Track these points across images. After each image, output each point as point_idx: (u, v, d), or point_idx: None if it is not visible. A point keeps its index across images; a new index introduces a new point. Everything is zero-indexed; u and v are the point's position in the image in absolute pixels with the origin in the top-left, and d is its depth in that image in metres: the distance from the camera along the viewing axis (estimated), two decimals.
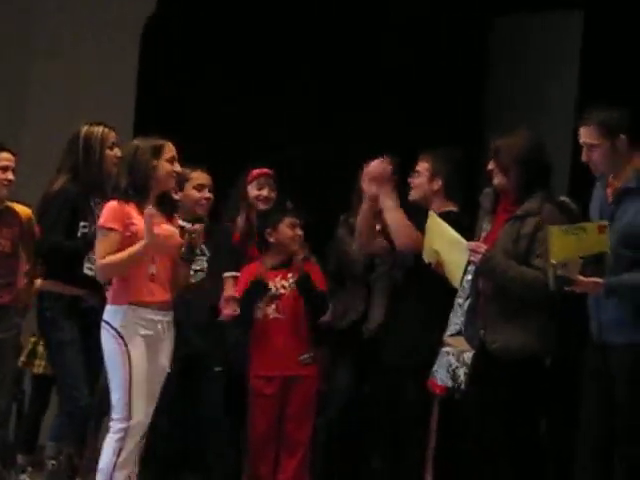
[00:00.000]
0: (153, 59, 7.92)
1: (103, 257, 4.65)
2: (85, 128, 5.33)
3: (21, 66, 8.21)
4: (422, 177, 5.24)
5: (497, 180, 4.71)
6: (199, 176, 5.64)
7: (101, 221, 4.72)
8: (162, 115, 7.46)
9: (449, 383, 4.93)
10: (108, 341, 4.66)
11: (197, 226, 4.78)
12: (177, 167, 4.82)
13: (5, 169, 5.62)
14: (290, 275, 5.58)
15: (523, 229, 4.62)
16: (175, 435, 5.53)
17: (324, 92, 8.06)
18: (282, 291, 5.55)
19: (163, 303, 4.72)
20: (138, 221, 4.64)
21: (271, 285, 5.53)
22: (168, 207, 4.82)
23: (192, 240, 4.74)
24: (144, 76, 7.90)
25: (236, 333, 5.60)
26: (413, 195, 5.27)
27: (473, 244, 4.65)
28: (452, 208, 5.23)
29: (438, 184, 5.22)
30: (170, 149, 4.81)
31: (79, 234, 5.27)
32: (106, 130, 5.34)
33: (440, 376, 4.97)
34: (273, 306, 5.54)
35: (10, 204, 5.70)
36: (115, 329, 4.62)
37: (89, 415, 5.29)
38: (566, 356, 4.75)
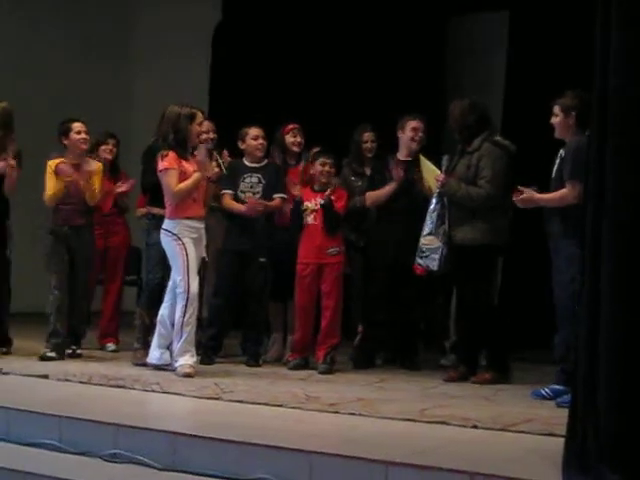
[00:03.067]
0: (222, 56, 11.49)
1: (175, 186, 6.99)
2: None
3: (124, 64, 12.69)
4: (559, 116, 6.38)
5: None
6: (254, 130, 7.89)
7: (164, 164, 7.05)
8: (229, 98, 10.91)
9: (426, 266, 7.05)
10: (169, 243, 7.04)
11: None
12: (203, 128, 7.55)
13: (79, 133, 7.77)
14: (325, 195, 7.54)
15: (471, 161, 6.93)
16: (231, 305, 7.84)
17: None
18: (317, 207, 7.52)
19: (201, 216, 7.14)
20: (183, 163, 7.09)
21: (308, 203, 7.58)
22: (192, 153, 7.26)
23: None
24: (215, 69, 11.60)
25: (289, 235, 7.72)
26: (556, 134, 6.45)
27: (438, 174, 7.02)
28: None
29: (572, 119, 6.32)
30: (199, 116, 7.25)
31: None
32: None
33: (419, 262, 7.07)
34: (312, 216, 7.56)
35: (88, 157, 7.97)
36: (174, 234, 6.99)
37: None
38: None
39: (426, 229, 7.04)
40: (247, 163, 7.87)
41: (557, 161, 6.38)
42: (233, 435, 4.84)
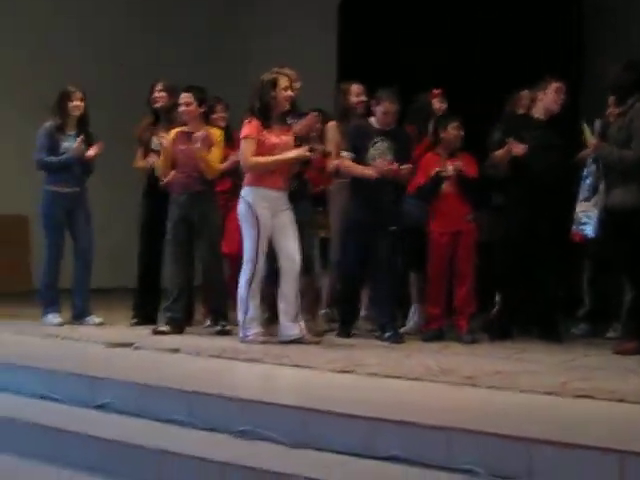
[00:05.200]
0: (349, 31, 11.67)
1: (249, 156, 6.85)
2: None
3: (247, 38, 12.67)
4: None
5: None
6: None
7: (244, 132, 6.88)
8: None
9: (582, 232, 7.09)
10: (243, 211, 6.92)
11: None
12: (289, 93, 6.92)
13: (187, 105, 7.47)
14: (456, 162, 7.31)
15: (624, 122, 6.65)
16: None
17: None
18: (450, 173, 7.26)
19: (279, 187, 6.94)
20: (264, 133, 6.86)
21: (443, 169, 7.26)
22: (285, 122, 7.04)
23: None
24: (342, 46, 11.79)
25: (420, 204, 7.41)
26: None
27: (591, 140, 6.81)
28: None
29: None
30: (284, 80, 6.88)
31: None
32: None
33: (576, 228, 7.10)
34: (446, 183, 7.30)
35: (207, 127, 7.59)
36: (248, 202, 6.89)
37: None
38: None
39: (581, 195, 6.95)
40: (376, 124, 7.37)
41: None
42: (366, 410, 4.65)
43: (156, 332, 7.42)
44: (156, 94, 8.05)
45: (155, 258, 8.00)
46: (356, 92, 7.75)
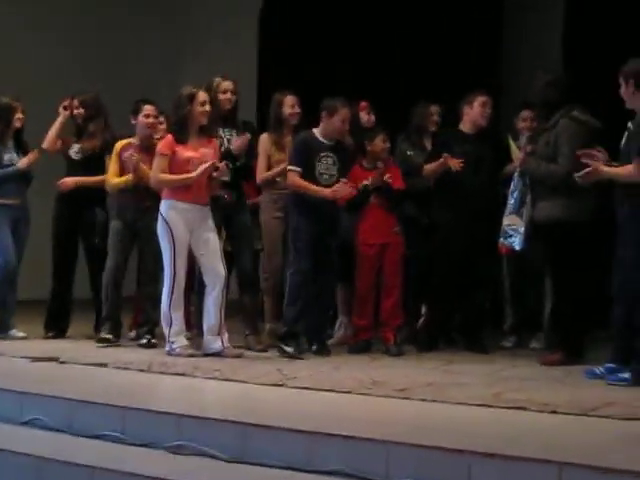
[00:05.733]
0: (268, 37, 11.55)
1: (158, 172, 6.92)
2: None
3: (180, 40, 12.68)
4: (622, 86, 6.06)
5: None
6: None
7: (158, 148, 6.98)
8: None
9: (509, 245, 6.99)
10: (160, 224, 6.88)
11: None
12: (206, 107, 6.91)
13: (147, 117, 7.66)
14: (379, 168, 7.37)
15: (550, 138, 6.72)
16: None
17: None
18: (375, 184, 7.28)
19: (193, 201, 6.87)
20: (178, 149, 6.87)
21: (366, 182, 7.26)
22: (206, 134, 7.00)
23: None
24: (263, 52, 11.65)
25: (348, 217, 7.40)
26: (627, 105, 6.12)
27: (518, 154, 6.90)
28: None
29: (632, 87, 6.01)
30: (202, 95, 6.90)
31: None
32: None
33: (503, 241, 7.01)
34: (374, 195, 7.33)
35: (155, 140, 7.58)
36: (163, 216, 6.86)
37: None
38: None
39: (508, 209, 6.95)
40: (322, 138, 7.20)
41: (625, 134, 6.11)
42: (304, 424, 4.64)
43: (100, 340, 7.50)
44: (75, 111, 8.12)
45: (70, 267, 8.08)
46: (290, 103, 7.67)
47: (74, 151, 8.07)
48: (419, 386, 5.64)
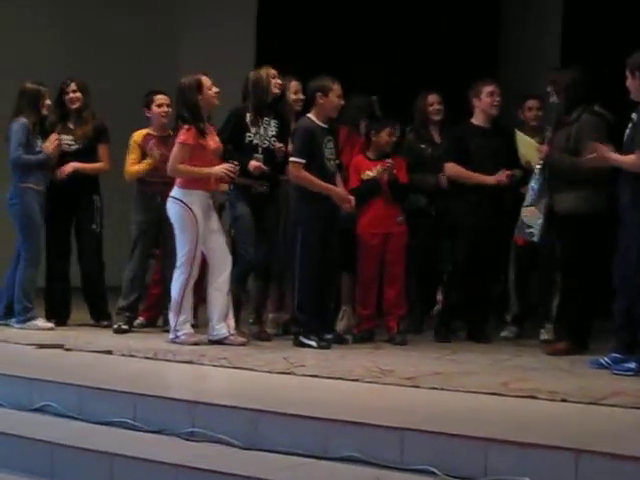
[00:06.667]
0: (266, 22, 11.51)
1: (178, 162, 6.91)
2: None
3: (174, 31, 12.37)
4: (628, 78, 6.06)
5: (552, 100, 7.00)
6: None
7: (181, 138, 6.90)
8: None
9: (527, 237, 7.00)
10: (178, 212, 6.94)
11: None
12: (215, 89, 6.99)
13: (160, 106, 7.74)
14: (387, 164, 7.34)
15: (570, 132, 6.71)
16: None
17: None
18: (379, 174, 7.31)
19: (210, 189, 7.00)
20: (203, 140, 6.89)
21: (369, 172, 7.34)
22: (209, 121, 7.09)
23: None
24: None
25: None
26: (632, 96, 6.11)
27: (540, 147, 6.93)
28: None
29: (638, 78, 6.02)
30: (206, 80, 6.89)
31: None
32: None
33: (519, 233, 7.05)
34: None
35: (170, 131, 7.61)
36: (184, 203, 6.90)
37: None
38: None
39: (527, 201, 6.94)
40: (321, 123, 7.09)
41: (629, 125, 6.13)
42: (316, 411, 4.67)
43: (117, 331, 7.57)
44: (71, 94, 7.95)
45: (64, 255, 8.04)
46: (295, 89, 7.59)
47: (66, 143, 7.90)
48: (427, 375, 5.68)
